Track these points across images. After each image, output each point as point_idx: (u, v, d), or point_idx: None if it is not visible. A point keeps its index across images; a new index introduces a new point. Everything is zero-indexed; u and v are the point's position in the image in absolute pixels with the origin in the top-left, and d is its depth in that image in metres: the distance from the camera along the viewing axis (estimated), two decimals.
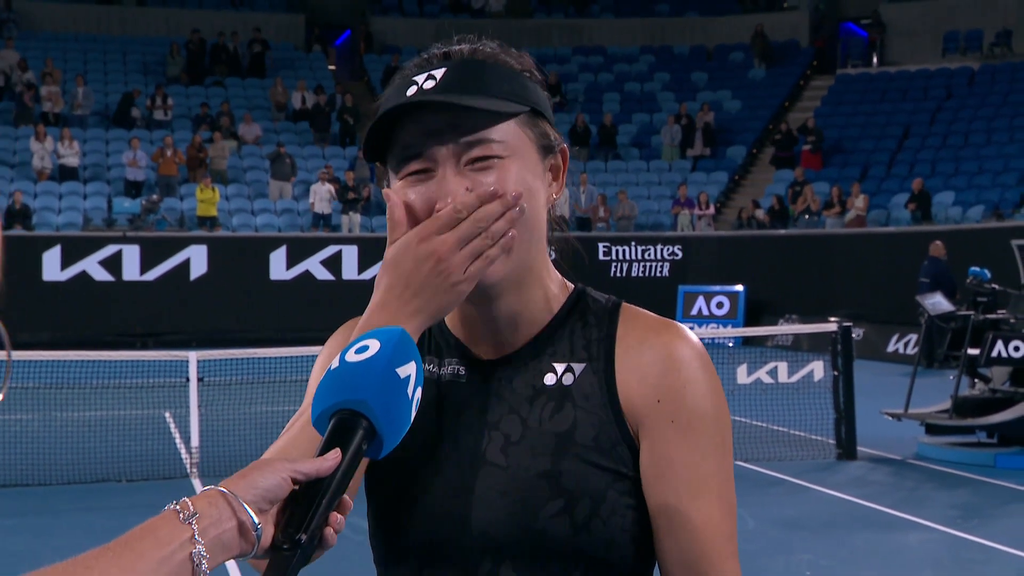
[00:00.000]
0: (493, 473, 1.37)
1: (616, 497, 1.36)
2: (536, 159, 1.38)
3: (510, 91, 1.37)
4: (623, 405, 1.37)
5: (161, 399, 11.41)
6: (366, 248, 20.54)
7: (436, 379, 1.43)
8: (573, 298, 1.44)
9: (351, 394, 1.19)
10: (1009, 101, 24.87)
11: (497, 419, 1.39)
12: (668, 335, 1.39)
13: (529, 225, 1.35)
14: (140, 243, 19.84)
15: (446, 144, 1.34)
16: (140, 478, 9.10)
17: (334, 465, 1.17)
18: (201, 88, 25.72)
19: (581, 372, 1.39)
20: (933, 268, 16.81)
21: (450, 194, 1.33)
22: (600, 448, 1.36)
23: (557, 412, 1.38)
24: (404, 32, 28.99)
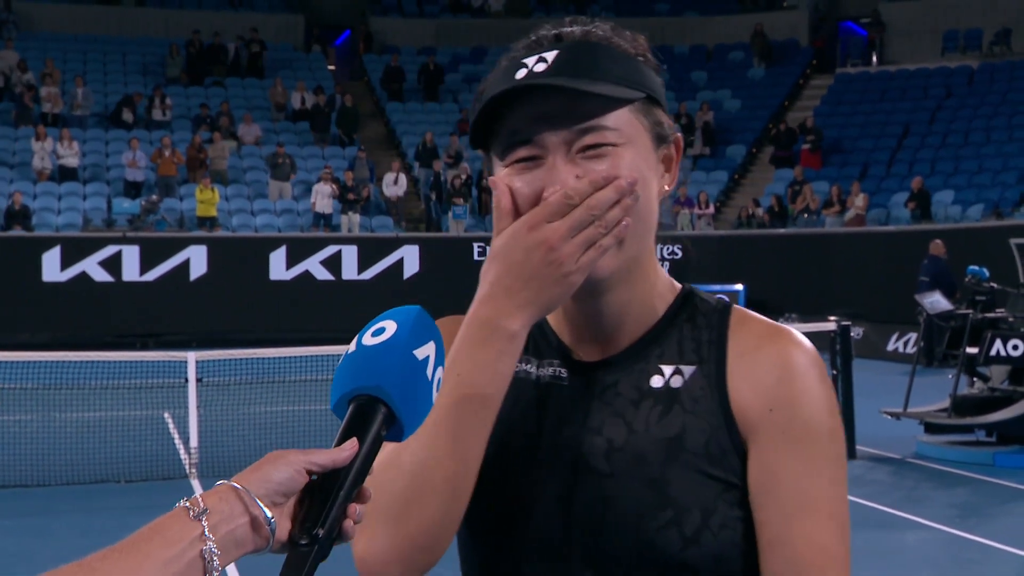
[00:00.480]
0: (596, 480, 1.30)
1: (726, 509, 1.28)
2: (650, 148, 1.32)
3: (625, 76, 1.30)
4: (735, 411, 1.30)
5: (160, 399, 11.41)
6: (366, 248, 20.55)
7: (535, 380, 1.36)
8: (681, 298, 1.37)
9: (367, 379, 1.16)
10: (1008, 100, 24.87)
11: (600, 423, 1.32)
12: (783, 341, 1.31)
13: (642, 216, 1.29)
14: (140, 244, 19.84)
15: (558, 130, 1.27)
16: (139, 479, 9.11)
17: (351, 456, 1.13)
18: (200, 88, 25.73)
19: (691, 375, 1.32)
20: (933, 267, 16.82)
21: (560, 182, 1.26)
22: (710, 456, 1.28)
23: (664, 416, 1.30)
24: (404, 32, 28.99)
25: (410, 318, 1.20)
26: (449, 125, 25.42)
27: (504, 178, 1.29)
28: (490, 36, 29.01)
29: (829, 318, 10.77)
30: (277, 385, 13.45)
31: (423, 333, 1.19)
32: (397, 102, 26.34)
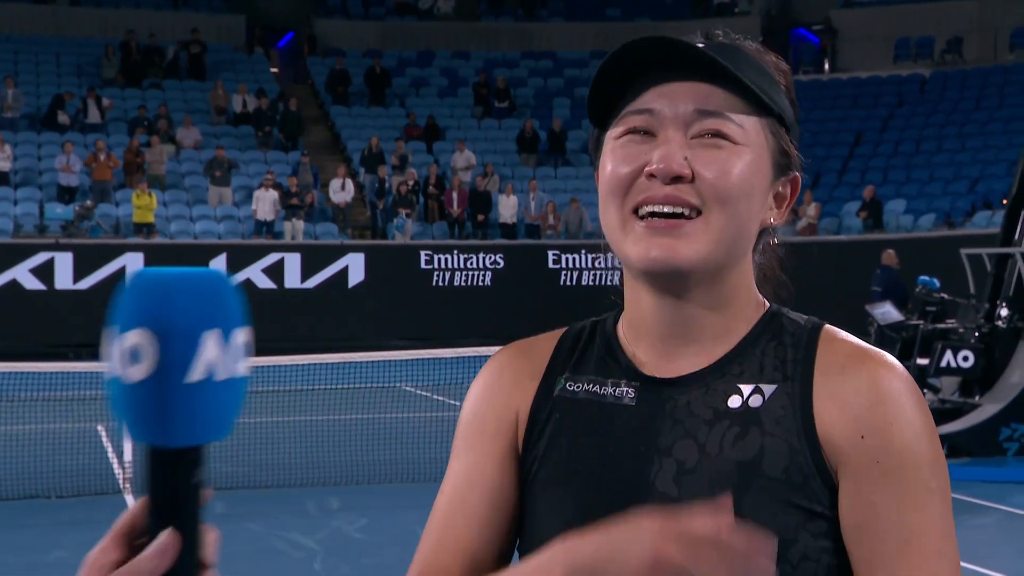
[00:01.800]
0: (664, 506, 1.21)
1: (808, 540, 1.20)
2: (768, 168, 1.25)
3: (765, 88, 1.24)
4: (820, 435, 1.21)
5: (95, 412, 11.28)
6: (309, 256, 20.45)
7: (602, 401, 1.29)
8: (767, 317, 1.30)
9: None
10: (960, 108, 25.31)
11: (670, 444, 1.24)
12: (873, 363, 1.23)
13: (737, 224, 1.22)
14: (73, 250, 19.61)
15: (680, 106, 1.22)
16: (71, 494, 9.00)
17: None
18: (138, 91, 25.49)
19: (772, 394, 1.24)
20: (885, 277, 17.03)
21: (665, 156, 1.20)
22: (791, 481, 1.20)
23: (741, 438, 1.22)
24: (349, 34, 28.93)
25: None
26: (395, 130, 25.39)
27: (613, 149, 1.25)
28: (438, 39, 29.03)
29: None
30: None
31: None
32: (342, 106, 26.28)
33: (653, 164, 1.20)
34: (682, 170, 1.20)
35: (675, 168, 1.20)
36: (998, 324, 10.25)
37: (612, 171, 1.23)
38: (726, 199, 1.21)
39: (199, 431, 0.82)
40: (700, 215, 1.21)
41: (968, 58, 27.09)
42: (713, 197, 1.21)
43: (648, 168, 1.21)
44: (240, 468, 9.93)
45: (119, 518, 0.86)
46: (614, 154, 1.24)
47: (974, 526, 8.29)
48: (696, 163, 1.21)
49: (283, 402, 12.52)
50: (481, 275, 21.00)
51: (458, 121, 26.18)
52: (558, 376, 1.33)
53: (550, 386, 1.33)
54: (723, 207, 1.21)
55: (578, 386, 1.32)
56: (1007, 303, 10.32)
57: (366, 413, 11.96)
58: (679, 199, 1.20)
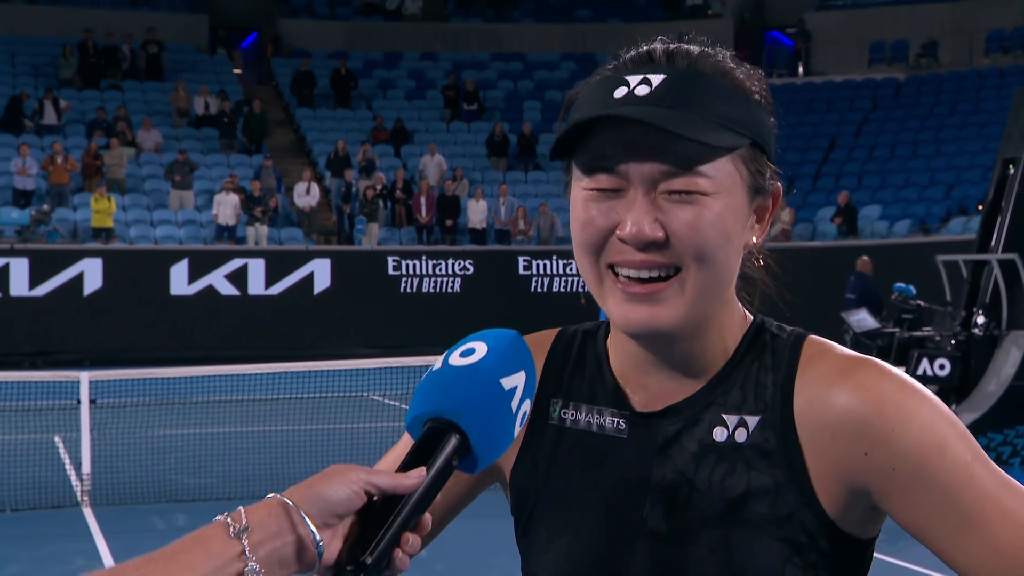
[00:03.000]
0: (654, 543, 1.25)
1: (796, 573, 1.22)
2: (743, 200, 1.25)
3: (733, 117, 1.23)
4: (809, 464, 1.23)
5: (50, 423, 11.18)
6: (273, 262, 20.36)
7: (590, 429, 1.32)
8: (750, 335, 1.31)
9: (448, 402, 1.14)
10: (935, 113, 25.52)
11: (660, 479, 1.27)
12: (859, 375, 1.23)
13: (718, 272, 1.23)
14: (29, 256, 19.44)
15: (646, 165, 1.20)
16: (27, 507, 8.89)
17: (415, 484, 1.10)
18: (96, 92, 25.32)
19: (756, 427, 1.25)
20: (860, 284, 17.12)
21: (635, 223, 1.20)
22: (776, 517, 1.23)
23: (730, 474, 1.24)
24: (314, 35, 28.85)
25: (503, 342, 1.17)
26: (362, 133, 25.33)
27: (581, 204, 1.25)
28: (405, 40, 29.00)
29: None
30: (177, 407, 13.26)
31: (515, 360, 1.16)
32: (307, 108, 26.20)
33: (624, 230, 1.21)
34: (654, 234, 1.20)
35: (647, 234, 1.20)
36: (975, 332, 10.33)
37: (583, 229, 1.24)
38: (702, 255, 1.21)
39: (474, 407, 1.14)
40: (678, 272, 1.22)
41: (943, 62, 27.34)
42: (689, 255, 1.21)
43: (619, 233, 1.21)
44: (203, 480, 9.86)
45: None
46: (585, 209, 1.24)
47: None
48: (668, 223, 1.21)
49: (247, 412, 12.45)
50: (450, 281, 20.98)
51: (426, 124, 26.16)
52: (551, 397, 1.36)
53: (544, 407, 1.35)
54: (700, 263, 1.21)
55: (571, 414, 1.34)
56: (984, 310, 10.40)
57: (333, 423, 11.90)
58: (654, 263, 1.21)
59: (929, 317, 11.52)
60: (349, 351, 18.38)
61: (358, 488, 1.09)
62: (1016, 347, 10.10)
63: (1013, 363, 10.01)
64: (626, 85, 1.23)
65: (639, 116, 1.18)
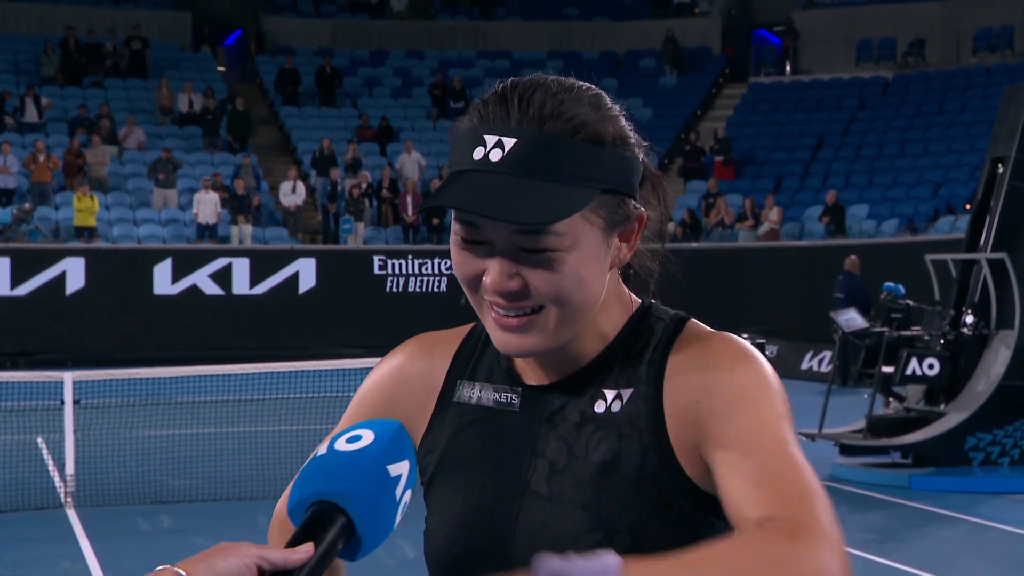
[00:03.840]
0: (536, 504, 1.40)
1: (661, 528, 1.36)
2: (598, 242, 1.38)
3: (584, 173, 1.35)
4: (671, 430, 1.38)
5: (33, 423, 11.13)
6: (258, 261, 20.31)
7: (486, 405, 1.47)
8: (634, 320, 1.46)
9: (334, 485, 1.17)
10: (923, 111, 25.59)
11: (545, 447, 1.42)
12: (710, 343, 1.41)
13: (581, 304, 1.37)
14: (11, 255, 19.35)
15: (500, 230, 1.35)
16: (9, 509, 8.85)
17: (304, 559, 1.15)
18: (78, 89, 25.22)
19: (629, 398, 1.41)
20: (848, 283, 17.18)
21: (495, 279, 1.35)
22: (643, 477, 1.37)
23: (603, 441, 1.39)
24: (298, 32, 28.79)
25: (390, 431, 1.23)
26: (348, 131, 25.29)
27: (455, 248, 1.40)
28: (391, 38, 28.96)
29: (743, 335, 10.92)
30: (162, 407, 13.22)
31: (399, 450, 1.22)
32: (292, 106, 26.14)
33: (488, 283, 1.36)
34: (512, 287, 1.36)
35: (508, 289, 1.35)
36: (964, 331, 10.35)
37: (458, 269, 1.40)
38: (559, 300, 1.36)
39: (361, 491, 1.17)
40: (543, 309, 1.37)
41: (930, 60, 27.42)
42: (549, 299, 1.36)
43: (484, 282, 1.36)
44: (187, 481, 9.83)
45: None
46: (457, 255, 1.40)
47: (940, 537, 8.36)
48: (526, 275, 1.35)
49: (232, 412, 12.41)
50: (436, 281, 20.95)
51: (412, 122, 26.13)
52: (457, 380, 1.51)
53: (450, 389, 1.51)
54: (559, 305, 1.37)
55: (472, 392, 1.49)
56: (973, 310, 10.42)
57: (318, 424, 11.87)
58: (519, 306, 1.37)
59: (918, 316, 11.54)
60: (335, 351, 18.33)
61: (250, 562, 1.13)
62: (1005, 346, 10.13)
63: (1002, 362, 10.04)
64: (483, 146, 1.36)
65: (475, 206, 1.32)
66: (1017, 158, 10.50)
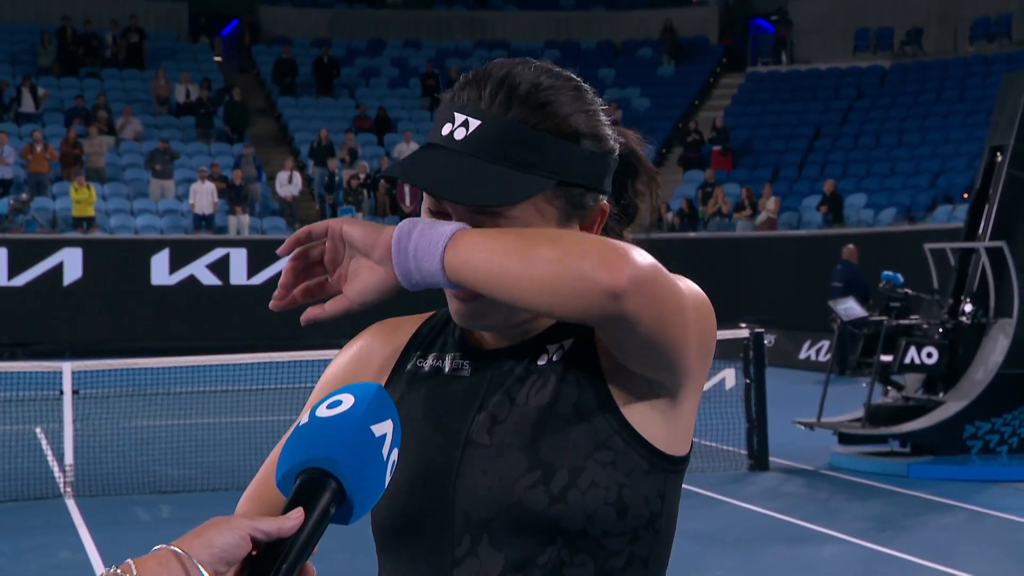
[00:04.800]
0: (477, 453, 1.44)
1: (596, 468, 1.40)
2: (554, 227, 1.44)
3: (544, 164, 1.41)
4: (607, 370, 1.43)
5: (31, 414, 11.11)
6: (256, 251, 20.28)
7: (437, 372, 1.52)
8: None
9: (320, 451, 1.17)
10: (920, 101, 25.57)
11: (489, 402, 1.47)
12: None
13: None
14: (8, 246, 19.33)
15: (457, 206, 1.42)
16: (8, 499, 8.85)
17: (297, 525, 1.16)
18: (75, 79, 25.17)
19: (570, 346, 1.47)
20: (846, 272, 17.18)
21: None
22: (580, 417, 1.42)
23: (543, 388, 1.45)
24: (295, 22, 28.74)
25: (368, 393, 1.22)
26: (345, 121, 25.25)
27: (424, 214, 1.46)
28: (388, 28, 28.90)
29: (741, 325, 10.93)
30: (159, 397, 13.22)
31: (381, 409, 1.22)
32: (289, 96, 26.10)
33: None
34: None
35: None
36: (962, 320, 10.35)
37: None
38: None
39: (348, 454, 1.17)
40: None
41: (928, 50, 27.38)
42: None
43: None
44: (187, 471, 9.83)
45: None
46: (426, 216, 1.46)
47: (939, 525, 8.37)
48: None
49: (230, 402, 12.40)
50: None
51: (409, 112, 26.09)
52: (412, 353, 1.57)
53: (404, 363, 1.57)
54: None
55: (425, 363, 1.54)
56: (971, 299, 10.42)
57: None
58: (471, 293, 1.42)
59: (916, 305, 11.54)
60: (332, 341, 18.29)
61: (244, 534, 1.14)
62: (1003, 335, 10.13)
63: (1000, 351, 10.03)
64: (451, 122, 1.42)
65: (426, 183, 1.40)
66: (1016, 147, 10.49)
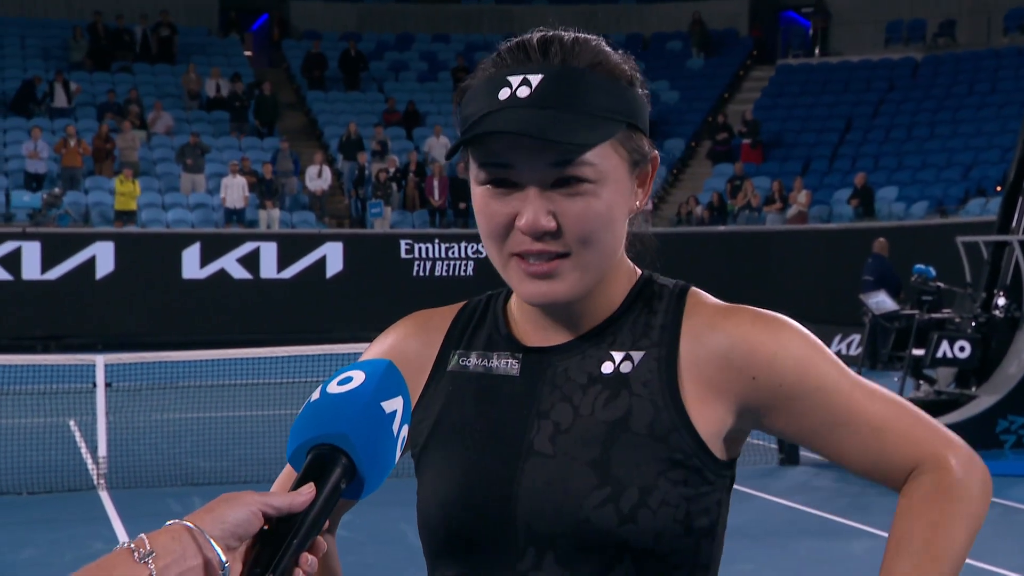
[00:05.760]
0: (539, 463, 1.39)
1: (668, 487, 1.38)
2: (626, 177, 1.42)
3: (608, 105, 1.39)
4: (687, 391, 1.40)
5: (65, 406, 11.21)
6: (285, 245, 20.37)
7: (487, 371, 1.47)
8: (638, 286, 1.48)
9: (330, 427, 1.18)
10: (953, 93, 25.37)
11: (548, 408, 1.42)
12: (738, 316, 1.43)
13: (606, 244, 1.40)
14: (41, 240, 19.47)
15: (534, 164, 1.36)
16: (43, 490, 8.93)
17: (307, 500, 1.16)
18: (107, 74, 25.33)
19: (640, 359, 1.42)
20: (877, 265, 17.08)
21: (531, 217, 1.36)
22: (654, 435, 1.39)
23: (612, 400, 1.40)
24: (324, 17, 28.81)
25: (379, 369, 1.23)
26: (374, 115, 25.30)
27: (482, 198, 1.40)
28: (417, 22, 28.93)
29: None
30: (191, 390, 13.29)
31: (392, 386, 1.22)
32: (319, 91, 26.17)
33: (521, 222, 1.37)
34: (548, 225, 1.37)
35: (541, 226, 1.36)
36: (995, 314, 10.27)
37: (485, 223, 1.40)
38: (590, 241, 1.38)
39: (357, 430, 1.17)
40: (569, 255, 1.39)
41: (961, 41, 27.16)
42: (578, 243, 1.38)
43: (520, 226, 1.37)
44: (218, 463, 9.89)
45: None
46: (485, 205, 1.40)
47: None
48: (560, 215, 1.37)
49: (261, 395, 12.46)
50: (463, 265, 20.96)
51: (438, 106, 26.11)
52: (452, 351, 1.51)
53: (444, 360, 1.51)
54: (589, 247, 1.38)
55: (469, 360, 1.49)
56: (1004, 292, 10.34)
57: None
58: (549, 251, 1.38)
59: (949, 299, 11.47)
60: (362, 334, 18.37)
61: (256, 509, 1.14)
62: None
63: None
64: (508, 87, 1.38)
65: (518, 129, 1.33)
66: None
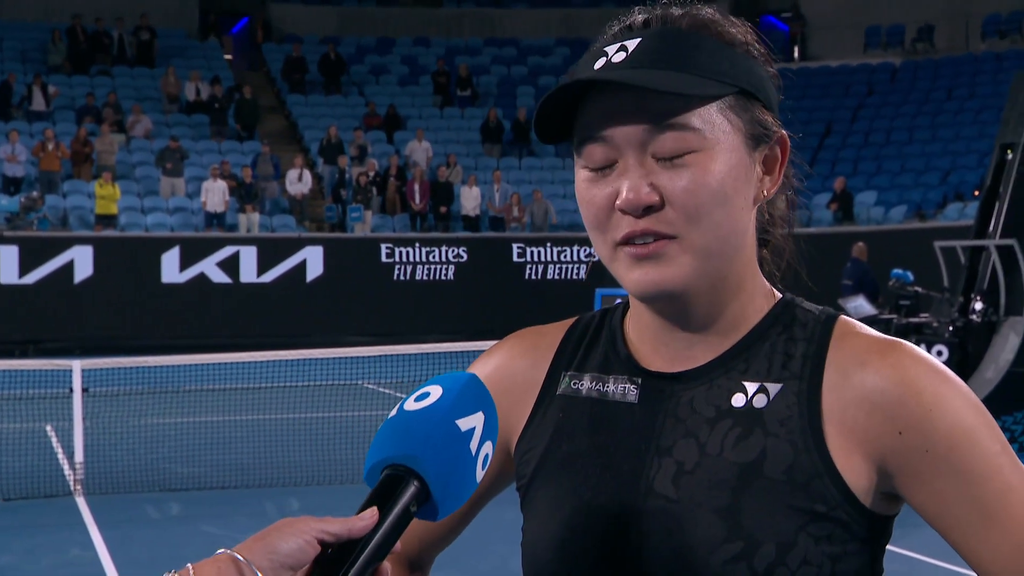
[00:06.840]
0: (660, 507, 1.23)
1: (809, 543, 1.19)
2: (742, 152, 1.23)
3: (716, 68, 1.21)
4: (831, 434, 1.21)
5: (42, 411, 11.16)
6: (265, 249, 20.33)
7: (602, 396, 1.30)
8: (778, 309, 1.30)
9: (401, 448, 1.12)
10: (931, 98, 25.52)
11: (670, 444, 1.25)
12: (895, 356, 1.22)
13: (719, 229, 1.21)
14: (19, 244, 19.38)
15: (631, 128, 1.20)
16: (19, 496, 8.88)
17: (368, 526, 1.08)
18: (86, 77, 25.22)
19: (777, 393, 1.24)
20: (856, 270, 17.14)
21: (631, 189, 1.20)
22: (793, 482, 1.20)
23: (744, 439, 1.22)
24: (305, 20, 28.76)
25: (459, 384, 1.16)
26: (355, 119, 25.27)
27: (582, 186, 1.25)
28: (397, 26, 28.91)
29: None
30: (170, 395, 13.25)
31: (472, 401, 1.15)
32: (299, 94, 26.13)
33: (621, 199, 1.20)
34: (650, 199, 1.20)
35: (643, 199, 1.20)
36: (972, 318, 10.33)
37: (587, 208, 1.24)
38: (698, 218, 1.20)
39: (430, 451, 1.12)
40: (677, 239, 1.22)
41: (939, 47, 27.32)
42: (686, 221, 1.20)
43: (618, 203, 1.21)
44: (196, 469, 9.85)
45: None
46: (585, 189, 1.24)
47: None
48: (663, 187, 1.20)
49: (240, 400, 12.44)
50: (444, 269, 20.96)
51: (419, 110, 26.10)
52: (563, 371, 1.35)
53: (554, 382, 1.35)
54: (698, 226, 1.21)
55: (581, 384, 1.33)
56: (981, 296, 10.40)
57: (326, 412, 11.89)
58: (654, 231, 1.21)
59: (926, 303, 11.52)
60: (342, 339, 18.36)
61: (310, 537, 1.07)
62: (1014, 333, 10.11)
63: (1011, 349, 10.02)
64: (605, 56, 1.23)
65: (606, 77, 1.18)
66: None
